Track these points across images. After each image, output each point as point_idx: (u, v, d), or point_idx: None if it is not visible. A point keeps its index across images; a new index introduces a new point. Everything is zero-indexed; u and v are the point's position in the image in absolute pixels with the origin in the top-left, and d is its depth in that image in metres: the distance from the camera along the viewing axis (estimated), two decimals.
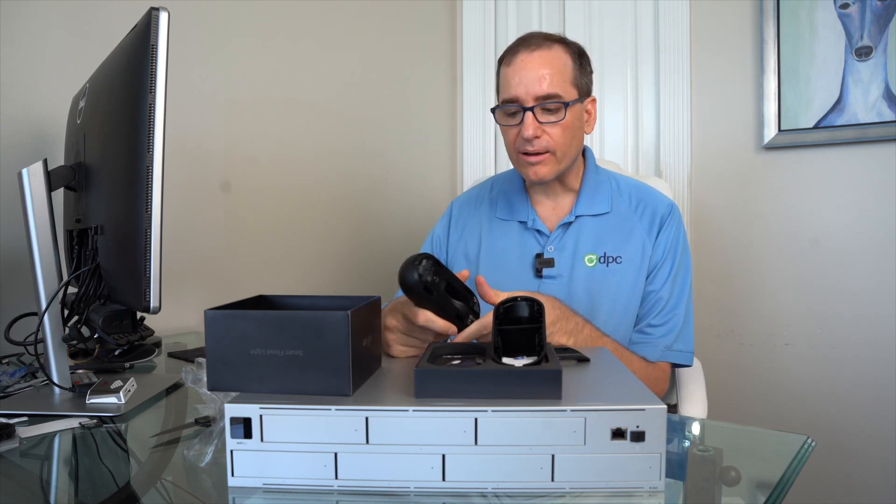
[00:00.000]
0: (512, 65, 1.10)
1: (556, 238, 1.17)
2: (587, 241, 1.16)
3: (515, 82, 1.08)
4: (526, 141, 1.09)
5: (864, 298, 1.73)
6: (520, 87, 1.08)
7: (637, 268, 1.14)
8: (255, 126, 1.67)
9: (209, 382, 0.63)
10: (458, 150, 2.35)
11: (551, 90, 1.07)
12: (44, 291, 0.90)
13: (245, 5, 1.63)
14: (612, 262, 1.14)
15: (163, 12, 0.75)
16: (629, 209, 1.18)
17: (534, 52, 1.08)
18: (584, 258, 1.15)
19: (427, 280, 0.77)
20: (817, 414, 1.78)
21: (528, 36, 1.13)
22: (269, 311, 0.64)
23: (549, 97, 1.07)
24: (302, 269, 1.80)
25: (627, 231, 1.16)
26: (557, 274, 1.15)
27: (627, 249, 1.14)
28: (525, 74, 1.08)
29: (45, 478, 0.69)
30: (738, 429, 0.83)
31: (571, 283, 1.14)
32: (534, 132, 1.07)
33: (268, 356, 0.61)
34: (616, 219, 1.17)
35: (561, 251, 1.16)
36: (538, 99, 1.07)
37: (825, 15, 1.72)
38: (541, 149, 1.09)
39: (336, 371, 0.60)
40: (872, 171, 1.71)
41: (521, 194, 1.23)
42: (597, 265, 1.14)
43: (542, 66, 1.07)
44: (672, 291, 1.13)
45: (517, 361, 0.65)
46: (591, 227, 1.17)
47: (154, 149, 0.75)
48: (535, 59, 1.08)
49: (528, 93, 1.07)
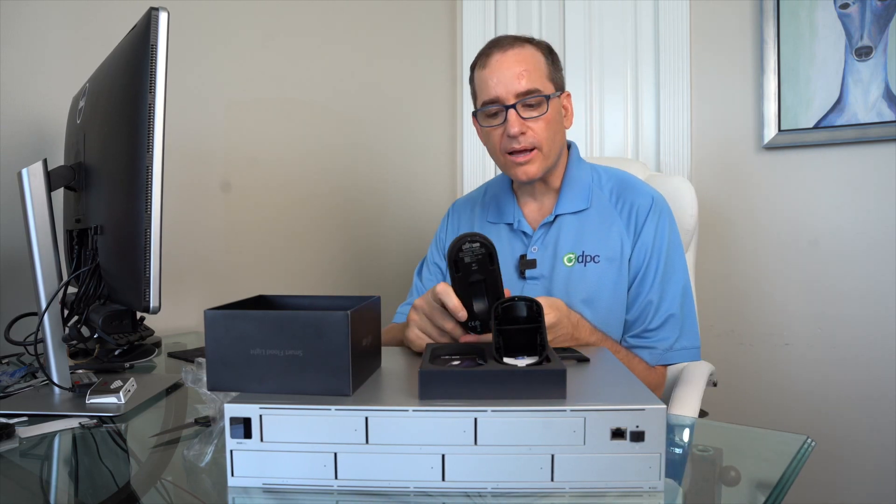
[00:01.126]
0: (487, 67, 1.11)
1: (539, 238, 1.17)
2: (567, 240, 1.14)
3: (494, 83, 1.09)
4: (511, 139, 1.09)
5: (865, 298, 1.73)
6: (499, 86, 1.08)
7: (617, 266, 1.11)
8: (255, 126, 1.67)
9: (209, 382, 0.63)
10: (458, 151, 2.35)
11: (530, 86, 1.08)
12: (44, 291, 0.90)
13: (245, 5, 1.63)
14: (589, 261, 1.12)
15: (163, 12, 0.75)
16: (609, 204, 1.15)
17: (507, 52, 1.09)
18: (564, 258, 1.13)
19: (461, 258, 0.77)
20: (817, 414, 1.78)
21: (498, 39, 1.14)
22: (269, 311, 0.64)
23: (529, 92, 1.08)
24: (302, 269, 1.80)
25: (606, 227, 1.13)
26: (540, 275, 1.14)
27: (606, 248, 1.12)
28: (502, 73, 1.08)
29: (45, 478, 0.69)
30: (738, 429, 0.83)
31: (552, 284, 1.13)
32: (519, 128, 1.08)
33: (267, 356, 0.61)
34: (596, 214, 1.15)
35: (543, 251, 1.16)
36: (519, 95, 1.08)
37: (825, 15, 1.72)
38: (527, 145, 1.09)
39: (336, 371, 0.60)
40: (872, 171, 1.71)
41: (508, 196, 1.23)
42: (575, 265, 1.12)
43: (518, 64, 1.08)
44: (663, 292, 1.10)
45: (519, 362, 0.65)
46: (571, 226, 1.15)
47: (154, 149, 0.75)
48: (509, 58, 1.09)
49: (508, 91, 1.08)
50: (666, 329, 1.10)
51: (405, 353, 0.86)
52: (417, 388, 0.59)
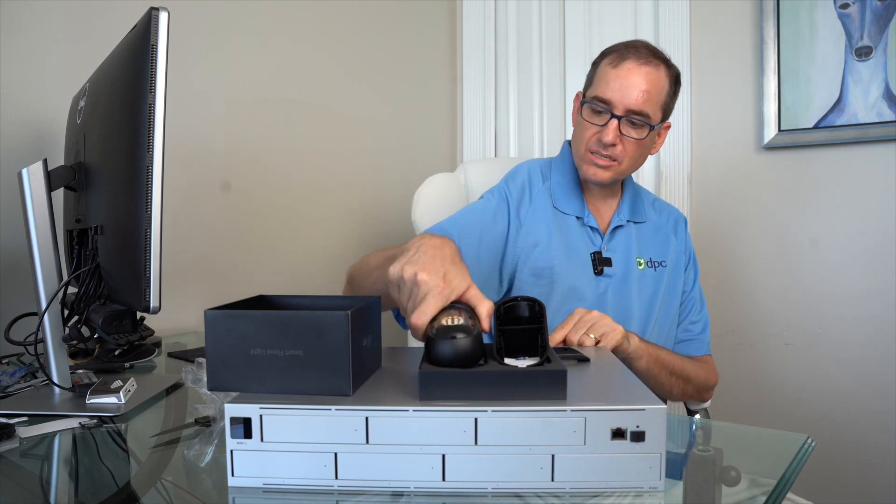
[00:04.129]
0: (618, 68, 1.11)
1: (608, 239, 1.20)
2: (635, 245, 1.21)
3: (615, 87, 1.10)
4: (600, 144, 1.12)
5: (865, 298, 1.73)
6: (617, 93, 1.09)
7: (677, 273, 1.24)
8: (255, 126, 1.67)
9: (209, 383, 0.63)
10: (458, 151, 2.35)
11: (644, 108, 1.09)
12: (44, 291, 0.90)
13: (245, 5, 1.63)
14: (658, 266, 1.22)
15: (163, 12, 0.75)
16: (660, 219, 1.28)
17: (642, 66, 1.10)
18: (635, 260, 1.21)
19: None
20: (817, 414, 1.78)
21: (639, 45, 1.13)
22: (270, 311, 0.64)
23: (639, 114, 1.10)
24: (302, 269, 1.80)
25: (663, 239, 1.25)
26: (613, 273, 1.18)
27: (668, 255, 1.23)
28: (626, 83, 1.09)
29: (45, 478, 0.69)
30: (738, 429, 0.83)
31: (626, 284, 1.18)
32: (613, 140, 1.10)
33: (268, 356, 0.61)
34: (651, 227, 1.25)
35: (613, 252, 1.20)
36: (629, 112, 1.09)
37: (825, 15, 1.72)
38: (611, 155, 1.12)
39: (336, 371, 0.60)
40: (872, 171, 1.71)
41: (577, 191, 1.23)
42: (646, 268, 1.21)
43: (644, 83, 1.09)
44: (700, 291, 1.28)
45: (520, 362, 0.65)
46: (636, 233, 1.23)
47: (154, 149, 0.75)
48: (640, 73, 1.09)
49: (623, 102, 1.09)
50: (704, 322, 1.27)
51: (405, 353, 0.86)
52: (417, 389, 0.59)
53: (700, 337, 1.25)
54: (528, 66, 2.24)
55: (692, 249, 1.29)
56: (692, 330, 1.26)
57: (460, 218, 1.18)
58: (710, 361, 1.26)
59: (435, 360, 0.62)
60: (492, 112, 2.30)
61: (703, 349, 1.25)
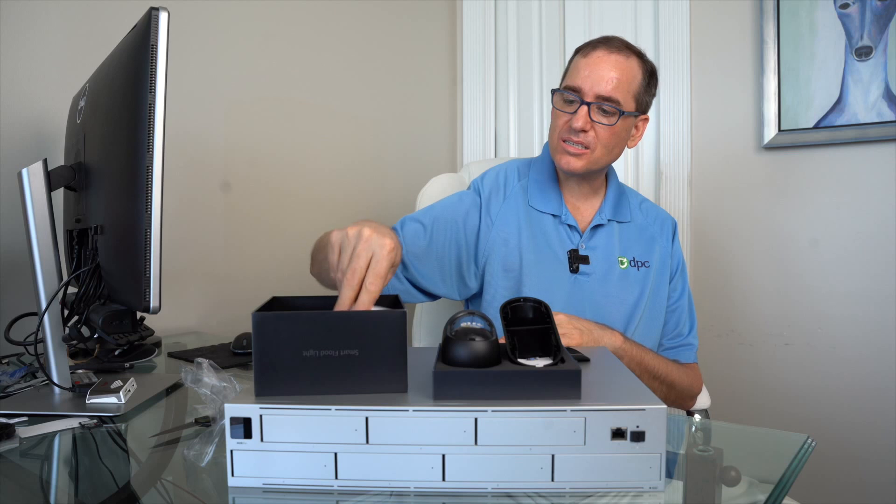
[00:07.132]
0: (588, 57, 1.12)
1: (587, 237, 1.19)
2: (617, 245, 1.20)
3: (584, 74, 1.10)
4: (572, 131, 1.11)
5: (865, 298, 1.73)
6: (587, 80, 1.10)
7: (663, 274, 1.22)
8: (255, 126, 1.67)
9: (257, 389, 0.60)
10: (458, 151, 2.35)
11: (613, 94, 1.09)
12: (44, 291, 0.90)
13: (245, 5, 1.63)
14: (641, 266, 1.20)
15: (163, 12, 0.75)
16: (646, 220, 1.26)
17: (612, 55, 1.11)
18: (617, 259, 1.19)
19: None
20: (817, 414, 1.78)
21: (612, 38, 1.15)
22: (322, 311, 0.64)
23: (608, 99, 1.09)
24: (302, 269, 1.80)
25: (648, 240, 1.23)
26: (591, 272, 1.17)
27: (653, 256, 1.22)
28: (595, 70, 1.10)
29: (45, 478, 0.69)
30: (738, 428, 0.83)
31: (606, 283, 1.17)
32: (582, 125, 1.10)
33: (322, 357, 0.60)
34: (636, 228, 1.24)
35: (593, 250, 1.19)
36: (598, 97, 1.09)
37: (825, 15, 1.72)
38: (583, 142, 1.12)
39: (393, 368, 0.61)
40: (872, 171, 1.70)
41: (554, 189, 1.23)
42: (629, 267, 1.19)
43: (614, 70, 1.10)
44: (689, 298, 1.26)
45: (534, 362, 0.65)
46: (618, 232, 1.22)
47: (154, 149, 0.75)
48: (610, 60, 1.10)
49: (592, 88, 1.09)
50: (694, 330, 1.26)
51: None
52: (422, 388, 0.59)
53: (688, 344, 1.24)
54: (528, 66, 2.24)
55: (681, 256, 1.27)
56: (680, 337, 1.24)
57: (435, 208, 1.22)
58: (695, 369, 1.24)
59: (452, 361, 0.63)
60: (492, 112, 2.30)
61: (691, 357, 1.24)
